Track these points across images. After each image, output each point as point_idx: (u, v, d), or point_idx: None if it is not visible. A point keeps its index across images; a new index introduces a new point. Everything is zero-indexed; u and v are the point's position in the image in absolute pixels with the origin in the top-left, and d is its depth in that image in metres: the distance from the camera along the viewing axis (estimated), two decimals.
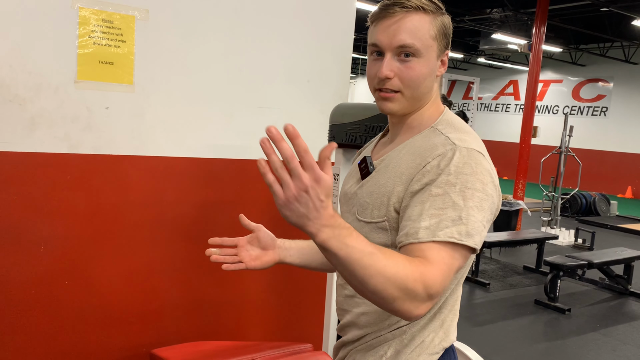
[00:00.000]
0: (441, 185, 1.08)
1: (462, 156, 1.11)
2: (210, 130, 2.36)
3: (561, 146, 8.87)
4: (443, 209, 1.06)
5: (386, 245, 1.17)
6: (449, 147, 1.13)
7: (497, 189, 1.15)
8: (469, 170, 1.09)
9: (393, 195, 1.16)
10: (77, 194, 2.09)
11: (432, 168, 1.11)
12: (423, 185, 1.11)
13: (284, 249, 1.48)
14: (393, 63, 1.18)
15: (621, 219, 11.35)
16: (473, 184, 1.08)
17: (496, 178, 1.15)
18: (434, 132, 1.20)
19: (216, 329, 2.49)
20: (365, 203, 1.22)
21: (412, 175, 1.14)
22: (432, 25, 1.18)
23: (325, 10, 2.59)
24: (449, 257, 1.04)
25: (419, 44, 1.16)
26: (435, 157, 1.13)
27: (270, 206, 2.59)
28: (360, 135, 1.99)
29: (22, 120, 1.96)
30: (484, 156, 1.14)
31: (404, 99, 1.20)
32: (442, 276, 1.01)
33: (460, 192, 1.07)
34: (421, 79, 1.18)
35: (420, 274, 0.98)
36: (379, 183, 1.20)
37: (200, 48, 2.28)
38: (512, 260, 7.26)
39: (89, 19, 2.01)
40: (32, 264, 2.02)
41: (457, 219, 1.06)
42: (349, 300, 1.28)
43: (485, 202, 1.09)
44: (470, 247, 1.06)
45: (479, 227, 1.07)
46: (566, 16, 12.57)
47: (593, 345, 4.52)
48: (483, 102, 20.41)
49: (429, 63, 1.19)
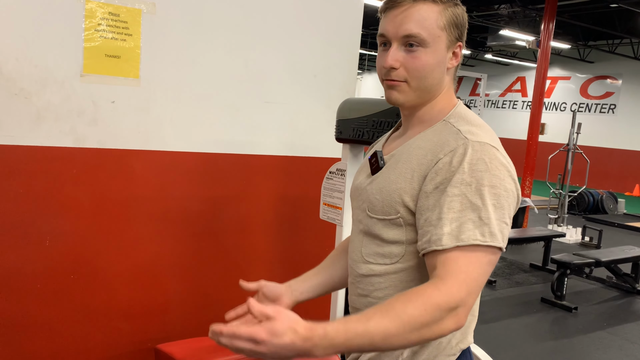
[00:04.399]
0: (457, 185, 1.06)
1: (475, 151, 1.08)
2: (216, 125, 2.35)
3: (569, 143, 8.81)
4: (462, 211, 1.05)
5: (401, 242, 1.16)
6: (461, 142, 1.10)
7: (516, 182, 1.12)
8: (483, 166, 1.07)
9: (405, 192, 1.14)
10: (83, 188, 2.08)
11: (445, 165, 1.09)
12: (437, 184, 1.09)
13: (294, 291, 1.47)
14: (399, 53, 1.16)
15: (629, 217, 11.28)
16: (490, 180, 1.06)
17: (513, 170, 1.12)
18: (445, 126, 1.17)
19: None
20: (375, 200, 1.19)
21: (425, 172, 1.12)
22: (441, 16, 1.15)
23: (333, 5, 2.57)
24: (473, 262, 1.03)
25: (425, 33, 1.14)
26: (447, 154, 1.10)
27: (274, 200, 2.58)
28: (367, 131, 1.97)
29: (28, 114, 1.95)
30: (498, 150, 1.11)
31: (410, 89, 1.18)
32: (460, 284, 1.01)
33: (477, 191, 1.05)
34: (428, 69, 1.16)
35: (429, 299, 0.99)
36: (389, 179, 1.18)
37: (207, 42, 2.27)
38: (519, 257, 7.22)
39: (95, 12, 2.00)
40: (37, 258, 2.02)
41: (478, 219, 1.04)
42: (362, 300, 1.26)
43: (504, 198, 1.07)
44: (496, 246, 1.05)
45: (500, 225, 1.06)
46: (575, 12, 12.48)
47: (600, 344, 4.49)
48: (490, 98, 20.31)
49: (436, 54, 1.16)
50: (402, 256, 1.17)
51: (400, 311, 0.98)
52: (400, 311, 0.98)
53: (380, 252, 1.20)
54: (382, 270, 1.20)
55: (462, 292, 1.01)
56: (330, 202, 2.20)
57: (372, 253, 1.22)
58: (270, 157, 2.51)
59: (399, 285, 1.18)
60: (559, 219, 8.99)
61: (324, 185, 2.23)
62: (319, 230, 2.64)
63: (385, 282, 1.20)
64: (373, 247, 1.21)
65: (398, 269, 1.17)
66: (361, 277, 1.25)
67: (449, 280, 1.02)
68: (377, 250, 1.21)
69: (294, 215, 2.64)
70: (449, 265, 1.03)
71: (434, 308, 0.98)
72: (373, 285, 1.22)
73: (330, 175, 2.20)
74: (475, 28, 14.85)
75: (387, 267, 1.19)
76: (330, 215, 2.21)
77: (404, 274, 1.17)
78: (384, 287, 1.20)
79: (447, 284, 1.01)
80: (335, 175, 2.18)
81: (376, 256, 1.21)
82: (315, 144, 2.62)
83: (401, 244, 1.16)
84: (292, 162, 2.58)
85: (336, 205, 2.17)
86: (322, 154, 2.64)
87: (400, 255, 1.17)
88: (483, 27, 14.37)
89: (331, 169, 2.20)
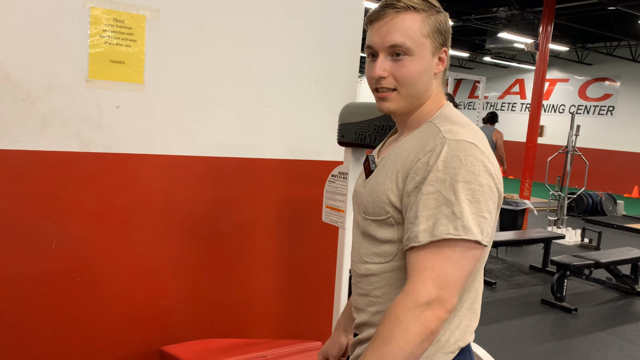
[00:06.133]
0: (432, 182, 1.10)
1: (451, 149, 1.11)
2: (219, 129, 2.38)
3: (568, 145, 8.83)
4: (437, 207, 1.09)
5: (393, 240, 1.20)
6: (439, 142, 1.14)
7: (495, 177, 1.13)
8: (457, 163, 1.10)
9: (392, 193, 1.18)
10: (88, 192, 2.10)
11: (423, 165, 1.13)
12: (416, 184, 1.13)
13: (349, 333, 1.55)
14: (386, 63, 1.20)
15: (628, 219, 11.29)
16: (464, 176, 1.09)
17: (493, 166, 1.13)
18: (429, 126, 1.21)
19: (225, 326, 2.50)
20: (367, 202, 1.24)
21: (407, 172, 1.16)
22: (424, 24, 1.19)
23: (334, 9, 2.60)
24: (440, 257, 1.08)
25: (409, 42, 1.18)
26: (426, 153, 1.14)
27: (277, 204, 2.60)
28: (369, 135, 2.00)
29: (34, 119, 1.98)
30: (477, 146, 1.13)
31: (401, 97, 1.22)
32: (424, 281, 1.07)
33: (451, 187, 1.08)
34: (415, 77, 1.20)
35: (398, 306, 1.08)
36: (377, 181, 1.23)
37: (210, 47, 2.30)
38: (519, 259, 7.24)
39: (100, 18, 2.03)
40: (43, 262, 2.04)
41: (451, 214, 1.07)
42: (363, 299, 1.29)
43: (480, 192, 1.09)
44: (472, 240, 1.07)
45: (477, 219, 1.08)
46: (573, 15, 12.51)
47: (600, 345, 4.51)
48: (489, 101, 20.33)
49: (422, 61, 1.20)
50: (396, 254, 1.21)
51: (381, 331, 1.09)
52: (381, 331, 1.09)
53: (376, 251, 1.24)
54: (379, 269, 1.24)
55: (428, 287, 1.07)
56: (333, 205, 2.22)
57: (368, 253, 1.26)
58: (273, 161, 2.54)
59: (394, 283, 1.22)
60: (559, 221, 9.01)
61: (327, 188, 2.26)
62: (322, 233, 2.66)
63: (382, 280, 1.24)
64: (369, 247, 1.26)
65: (393, 267, 1.21)
66: (361, 277, 1.29)
67: (413, 280, 1.08)
68: (373, 250, 1.25)
69: (296, 218, 2.66)
70: (416, 265, 1.09)
71: (404, 311, 1.06)
72: (372, 285, 1.26)
73: (332, 178, 2.22)
74: (474, 31, 14.90)
75: (382, 265, 1.23)
76: (333, 218, 2.23)
77: (399, 272, 1.21)
78: (382, 286, 1.24)
79: (412, 284, 1.08)
80: (338, 178, 2.20)
81: (372, 256, 1.25)
82: (317, 147, 2.65)
83: (394, 243, 1.20)
84: (295, 165, 2.60)
85: (338, 208, 2.19)
86: (324, 157, 2.66)
87: (394, 253, 1.21)
88: (481, 30, 14.41)
89: (333, 172, 2.22)
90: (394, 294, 1.21)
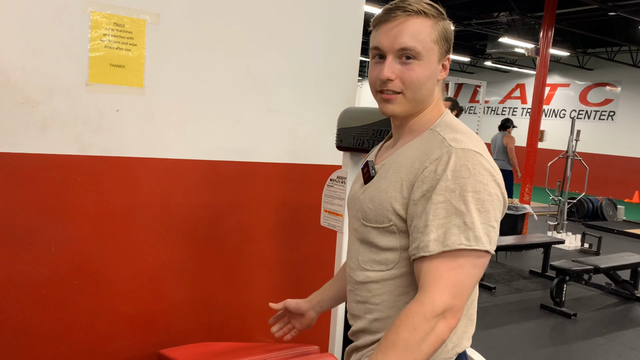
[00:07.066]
0: (441, 192, 1.10)
1: (459, 158, 1.12)
2: (219, 133, 2.38)
3: (568, 150, 8.84)
4: (447, 217, 1.09)
5: (395, 248, 1.20)
6: (445, 150, 1.14)
7: (500, 186, 1.15)
8: (466, 173, 1.10)
9: (396, 201, 1.17)
10: (88, 195, 2.11)
11: (430, 173, 1.13)
12: (424, 192, 1.13)
13: (316, 305, 1.60)
14: (394, 65, 1.20)
15: (628, 224, 11.28)
16: (473, 186, 1.09)
17: (498, 175, 1.14)
18: (432, 134, 1.22)
19: (224, 330, 2.50)
20: (368, 209, 1.23)
21: (412, 180, 1.16)
22: (433, 30, 1.20)
23: (334, 13, 2.61)
24: (455, 267, 1.08)
25: (420, 46, 1.18)
26: (433, 162, 1.14)
27: (276, 207, 2.61)
28: (368, 139, 2.01)
29: (34, 122, 1.99)
30: (482, 155, 1.14)
31: (406, 100, 1.22)
32: (441, 291, 1.07)
33: (461, 197, 1.09)
34: (422, 81, 1.20)
35: (415, 315, 1.06)
36: (380, 188, 1.22)
37: (210, 51, 2.31)
38: (518, 264, 7.23)
39: (101, 22, 2.04)
40: (42, 264, 2.05)
41: (463, 224, 1.08)
42: (360, 307, 1.29)
43: (488, 202, 1.10)
44: (482, 250, 1.08)
45: (486, 228, 1.09)
46: (573, 20, 12.54)
47: (599, 351, 4.50)
48: (490, 105, 20.35)
49: (429, 66, 1.21)
50: (397, 262, 1.20)
51: (395, 340, 1.05)
52: (395, 340, 1.05)
53: (376, 259, 1.23)
54: (379, 277, 1.23)
55: (445, 297, 1.06)
56: (331, 209, 2.23)
57: (368, 260, 1.25)
58: (272, 165, 2.54)
59: (394, 291, 1.21)
60: (559, 226, 9.01)
61: (325, 192, 2.26)
62: (320, 236, 2.66)
63: (382, 288, 1.23)
64: (369, 255, 1.25)
65: (394, 275, 1.21)
66: (359, 285, 1.28)
67: (429, 289, 1.07)
68: (372, 258, 1.24)
69: (295, 222, 2.67)
70: (430, 274, 1.09)
71: (422, 322, 1.05)
72: (370, 292, 1.25)
73: (330, 182, 2.23)
74: (475, 35, 14.93)
75: (383, 273, 1.22)
76: (331, 222, 2.24)
77: (399, 280, 1.20)
78: (381, 294, 1.23)
79: (428, 294, 1.07)
80: (336, 182, 2.21)
81: (372, 263, 1.24)
82: (316, 151, 2.65)
83: (395, 251, 1.20)
84: (294, 169, 2.61)
85: (337, 212, 2.20)
86: (323, 161, 2.67)
87: (395, 261, 1.20)
88: (482, 35, 14.44)
89: (332, 177, 2.23)
90: (393, 301, 1.21)
